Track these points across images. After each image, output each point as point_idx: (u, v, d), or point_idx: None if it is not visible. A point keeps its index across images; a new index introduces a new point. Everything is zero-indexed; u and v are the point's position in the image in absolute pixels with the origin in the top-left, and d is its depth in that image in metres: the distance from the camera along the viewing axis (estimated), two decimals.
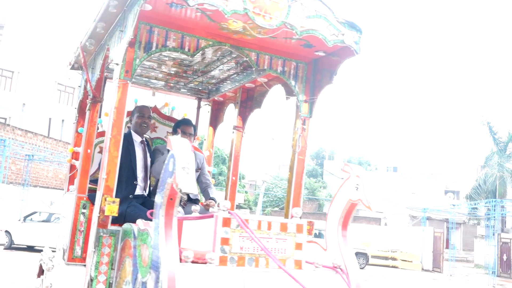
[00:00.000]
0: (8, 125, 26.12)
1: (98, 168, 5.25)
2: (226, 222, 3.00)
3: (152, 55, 4.11)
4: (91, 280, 3.58)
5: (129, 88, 3.78)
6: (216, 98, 6.10)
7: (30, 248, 18.03)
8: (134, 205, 4.43)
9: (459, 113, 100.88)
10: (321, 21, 3.78)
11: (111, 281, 3.63)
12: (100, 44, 4.67)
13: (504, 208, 25.47)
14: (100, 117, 5.19)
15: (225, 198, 5.61)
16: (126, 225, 3.59)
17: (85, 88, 5.35)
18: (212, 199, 5.05)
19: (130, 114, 5.11)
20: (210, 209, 4.75)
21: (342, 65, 4.24)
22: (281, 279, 3.02)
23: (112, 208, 3.51)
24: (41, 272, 5.50)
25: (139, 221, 3.32)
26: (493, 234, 23.66)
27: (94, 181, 4.88)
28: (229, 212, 3.01)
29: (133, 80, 5.77)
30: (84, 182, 4.65)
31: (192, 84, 5.98)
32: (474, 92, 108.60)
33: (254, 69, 4.40)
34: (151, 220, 3.56)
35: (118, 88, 3.73)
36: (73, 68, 5.59)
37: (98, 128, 5.06)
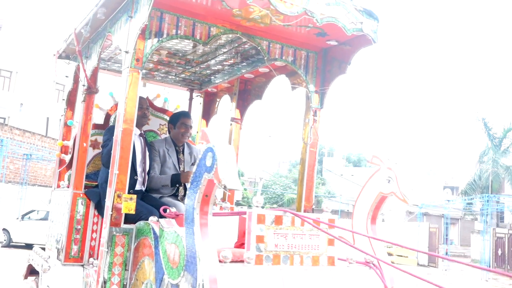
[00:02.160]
0: (6, 124, 25.92)
1: (89, 163, 4.99)
2: (261, 219, 2.85)
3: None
4: (104, 282, 3.37)
5: (139, 77, 3.56)
6: (209, 89, 5.89)
7: (28, 246, 17.78)
8: (136, 202, 4.21)
9: (458, 109, 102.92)
10: (340, 8, 3.66)
11: (125, 283, 3.42)
12: (97, 31, 4.39)
13: (499, 203, 25.74)
14: None
15: (223, 194, 5.43)
16: (142, 223, 3.38)
17: (75, 78, 5.06)
18: None
19: (116, 108, 4.93)
20: (223, 204, 4.61)
21: (356, 55, 4.14)
22: (317, 277, 2.90)
23: (129, 205, 3.30)
24: (29, 272, 5.18)
25: (161, 219, 3.13)
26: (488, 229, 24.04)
27: (85, 176, 4.63)
28: (285, 211, 2.85)
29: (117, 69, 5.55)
30: (80, 177, 4.41)
31: (184, 75, 5.74)
32: (470, 88, 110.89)
33: (265, 58, 4.23)
34: (162, 217, 3.39)
35: (129, 78, 3.50)
36: (60, 57, 5.27)
37: None
